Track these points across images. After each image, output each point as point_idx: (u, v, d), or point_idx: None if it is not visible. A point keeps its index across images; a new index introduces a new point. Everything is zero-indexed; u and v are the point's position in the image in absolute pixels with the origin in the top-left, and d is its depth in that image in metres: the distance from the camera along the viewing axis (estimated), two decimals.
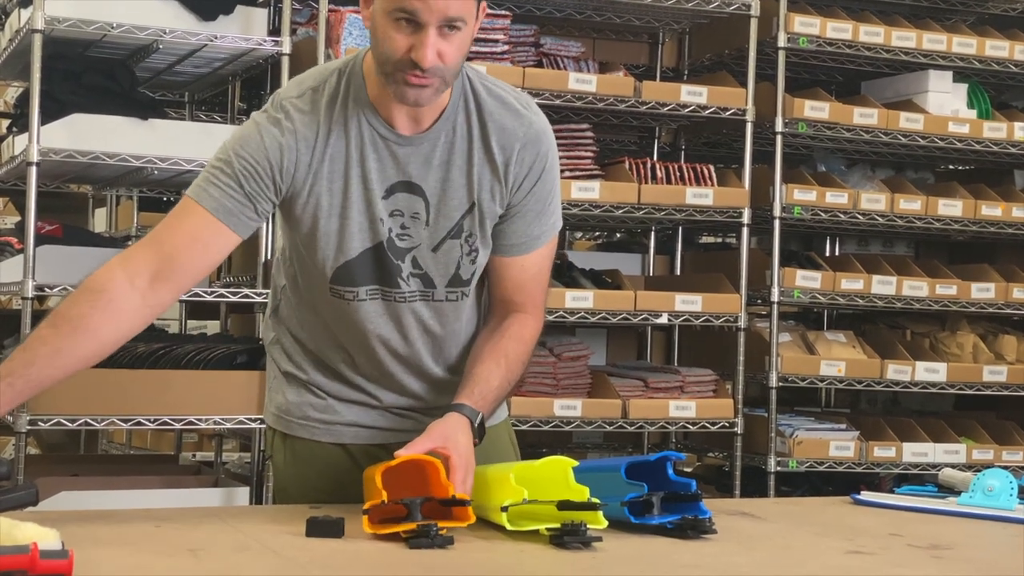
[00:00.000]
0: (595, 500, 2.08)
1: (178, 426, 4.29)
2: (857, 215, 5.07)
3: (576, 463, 2.14)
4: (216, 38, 4.22)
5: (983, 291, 5.25)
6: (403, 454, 2.10)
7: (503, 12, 4.58)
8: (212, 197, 2.19)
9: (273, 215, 2.39)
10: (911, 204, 5.15)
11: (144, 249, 2.20)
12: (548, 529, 2.04)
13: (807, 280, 5.01)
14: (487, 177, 2.28)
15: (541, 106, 2.42)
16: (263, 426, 4.22)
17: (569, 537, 2.01)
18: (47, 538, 1.72)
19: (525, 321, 2.38)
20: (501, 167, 2.28)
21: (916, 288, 5.15)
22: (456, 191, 2.27)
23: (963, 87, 5.32)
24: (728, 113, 4.85)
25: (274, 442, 2.49)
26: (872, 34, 5.05)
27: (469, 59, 4.57)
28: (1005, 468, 2.63)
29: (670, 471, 2.19)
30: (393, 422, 2.41)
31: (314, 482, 2.41)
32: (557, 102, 4.58)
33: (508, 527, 2.06)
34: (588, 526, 2.02)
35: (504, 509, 2.06)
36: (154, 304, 2.18)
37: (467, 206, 2.29)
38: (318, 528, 2.03)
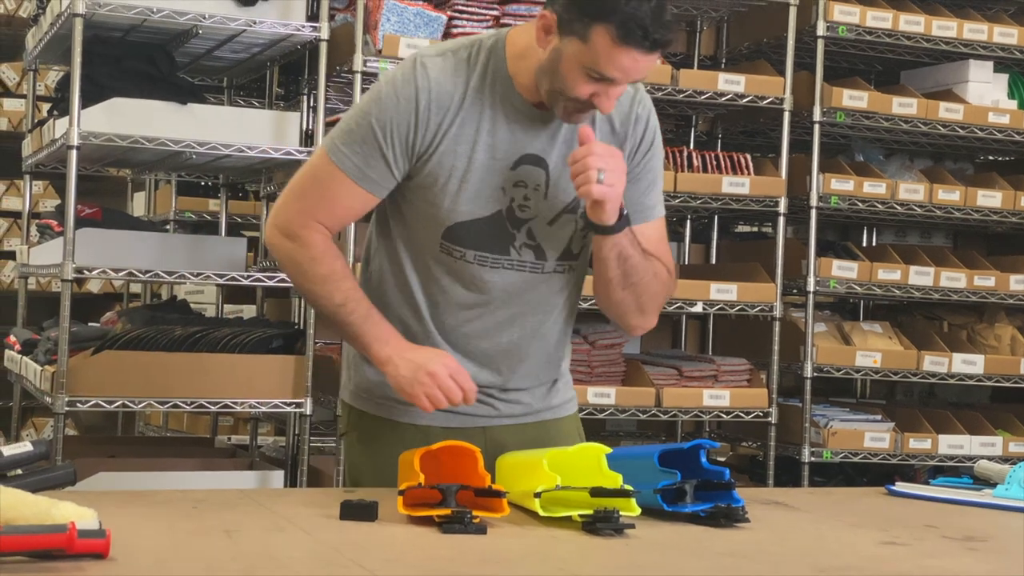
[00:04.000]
0: (628, 487, 2.08)
1: (214, 409, 4.31)
2: (895, 205, 5.04)
3: (609, 450, 2.14)
4: (255, 23, 4.23)
5: (1022, 283, 5.21)
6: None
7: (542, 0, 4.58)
8: (356, 166, 2.32)
9: None
10: (950, 195, 5.12)
11: (321, 219, 2.37)
12: (581, 515, 2.05)
13: (843, 270, 4.99)
14: None
15: None
16: (298, 410, 4.26)
17: (602, 524, 2.01)
18: (85, 517, 1.73)
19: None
20: (619, 142, 2.39)
21: (954, 279, 5.12)
22: None
23: (1004, 77, 5.28)
24: (766, 102, 4.82)
25: (349, 419, 2.55)
26: (912, 23, 5.01)
27: None
28: None
29: (703, 459, 2.19)
30: (471, 407, 2.43)
31: (386, 461, 2.42)
32: None
33: (541, 513, 2.07)
34: (621, 513, 2.03)
35: (537, 495, 2.06)
36: None
37: None
38: (352, 511, 2.05)
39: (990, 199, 5.17)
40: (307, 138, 4.51)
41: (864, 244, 5.96)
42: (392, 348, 2.32)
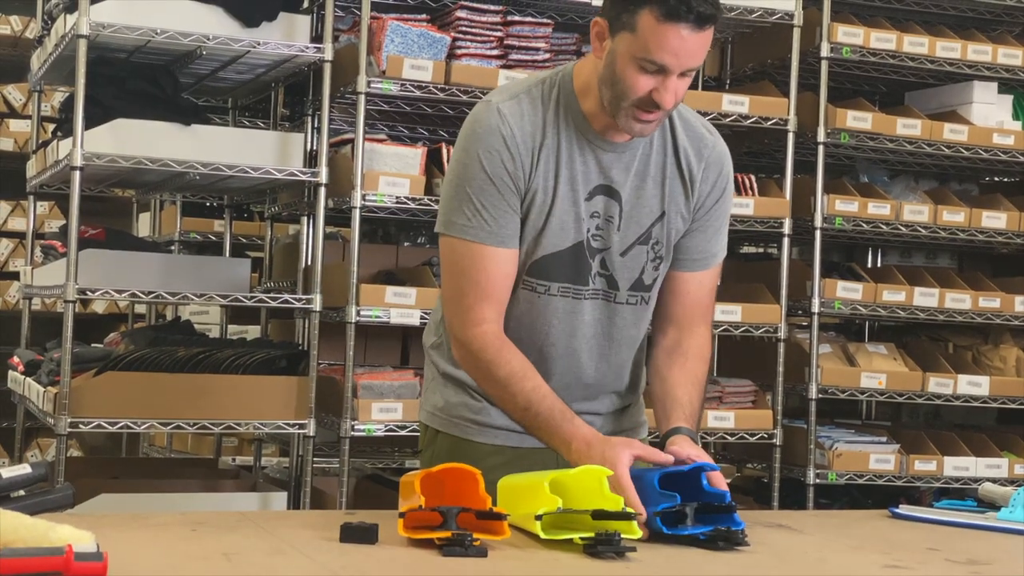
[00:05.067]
0: (629, 510, 2.08)
1: (217, 430, 4.30)
2: (899, 226, 5.04)
3: (611, 472, 2.14)
4: (259, 44, 4.24)
5: None
6: (675, 452, 2.26)
7: (545, 20, 4.58)
8: (489, 232, 2.35)
9: None
10: (954, 216, 5.11)
11: (483, 306, 2.37)
12: (582, 538, 2.04)
13: (848, 291, 4.98)
14: (678, 190, 2.45)
15: None
16: (301, 431, 4.26)
17: (603, 546, 2.00)
18: (82, 540, 1.72)
19: (703, 339, 2.56)
20: (689, 183, 2.46)
21: (959, 300, 5.11)
22: (649, 200, 2.43)
23: (1008, 98, 5.28)
24: (770, 123, 4.83)
25: (425, 437, 2.58)
26: (916, 44, 5.01)
27: (510, 68, 4.56)
28: None
29: (704, 482, 2.19)
30: None
31: None
32: None
33: (542, 536, 2.06)
34: (622, 536, 2.02)
35: (538, 518, 2.06)
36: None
37: (658, 214, 2.44)
38: (352, 534, 2.04)
39: (995, 220, 5.16)
40: (311, 159, 4.51)
41: (869, 265, 5.96)
42: (574, 451, 2.29)
